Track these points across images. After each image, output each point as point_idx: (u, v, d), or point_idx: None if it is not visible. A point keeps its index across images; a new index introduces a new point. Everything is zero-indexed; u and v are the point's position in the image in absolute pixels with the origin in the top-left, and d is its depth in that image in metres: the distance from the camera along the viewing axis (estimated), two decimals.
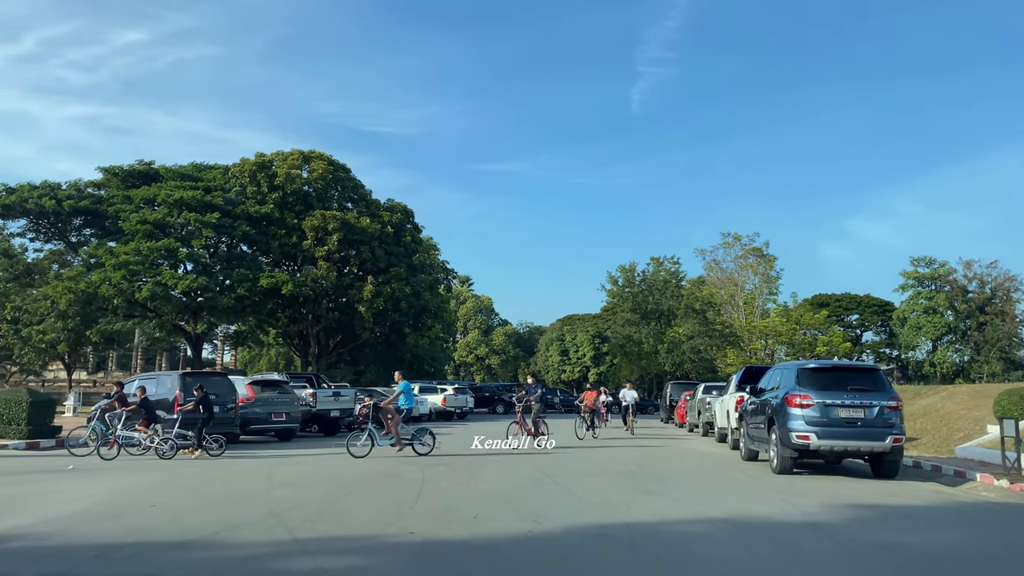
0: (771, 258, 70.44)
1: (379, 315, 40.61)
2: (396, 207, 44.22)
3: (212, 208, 37.82)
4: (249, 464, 14.17)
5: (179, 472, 12.79)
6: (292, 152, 42.51)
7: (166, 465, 14.09)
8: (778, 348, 63.23)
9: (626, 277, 63.75)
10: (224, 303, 36.69)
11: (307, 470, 13.21)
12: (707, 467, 14.62)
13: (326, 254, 39.58)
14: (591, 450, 18.37)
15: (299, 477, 12.00)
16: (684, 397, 32.69)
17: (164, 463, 14.38)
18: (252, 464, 14.17)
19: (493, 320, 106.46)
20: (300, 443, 20.50)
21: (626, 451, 18.19)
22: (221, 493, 10.08)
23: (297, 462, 14.76)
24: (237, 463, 14.32)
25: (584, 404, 23.43)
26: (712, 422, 24.65)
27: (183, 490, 10.41)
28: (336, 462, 14.71)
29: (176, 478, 11.90)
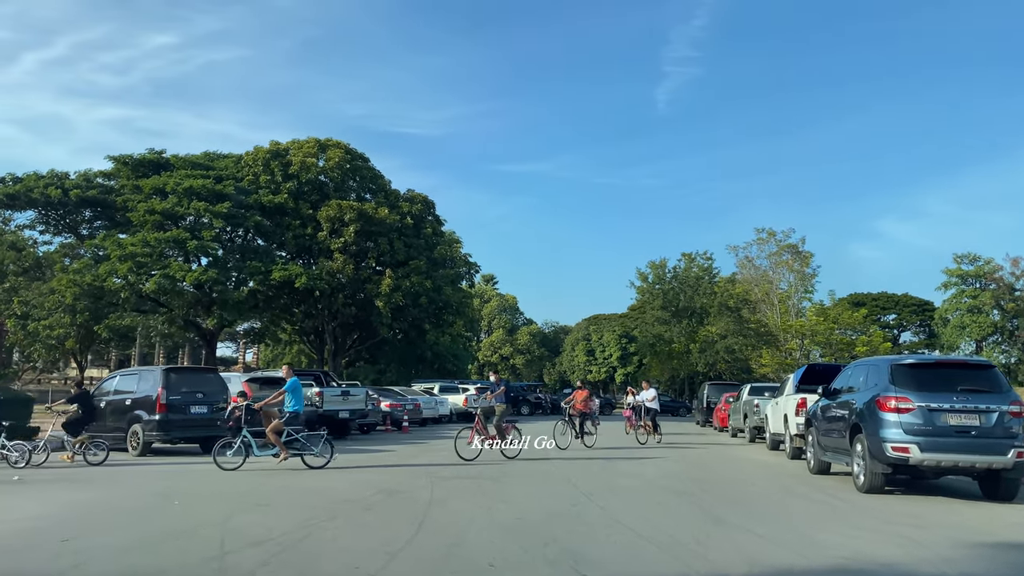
0: (807, 255, 67.52)
1: (398, 311, 38.50)
2: (416, 198, 42.10)
3: (223, 198, 35.94)
4: (227, 477, 12.02)
5: (141, 487, 10.69)
6: (308, 140, 40.56)
7: (133, 477, 12.01)
8: (814, 349, 60.39)
9: (656, 273, 61.13)
10: (235, 297, 34.81)
11: (292, 484, 11.04)
12: (774, 483, 12.20)
13: (342, 246, 37.55)
14: (627, 460, 16.02)
15: (278, 495, 9.82)
16: (725, 399, 30.16)
17: (130, 474, 12.30)
18: (230, 477, 12.02)
19: (518, 319, 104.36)
20: None
21: (670, 461, 15.81)
22: (165, 522, 7.90)
23: (286, 472, 12.59)
24: (213, 475, 12.18)
25: (572, 406, 19.29)
26: (761, 427, 22.19)
27: (122, 516, 8.25)
28: (332, 474, 12.53)
29: (128, 497, 9.79)
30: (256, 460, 13.31)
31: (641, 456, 16.82)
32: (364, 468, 13.36)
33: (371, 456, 16.30)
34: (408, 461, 13.84)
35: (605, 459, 15.78)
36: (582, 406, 19.17)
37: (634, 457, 16.52)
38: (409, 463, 14.44)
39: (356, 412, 21.29)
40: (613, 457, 16.34)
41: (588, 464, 14.60)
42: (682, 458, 16.72)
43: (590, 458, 15.89)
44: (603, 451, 17.79)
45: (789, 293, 67.75)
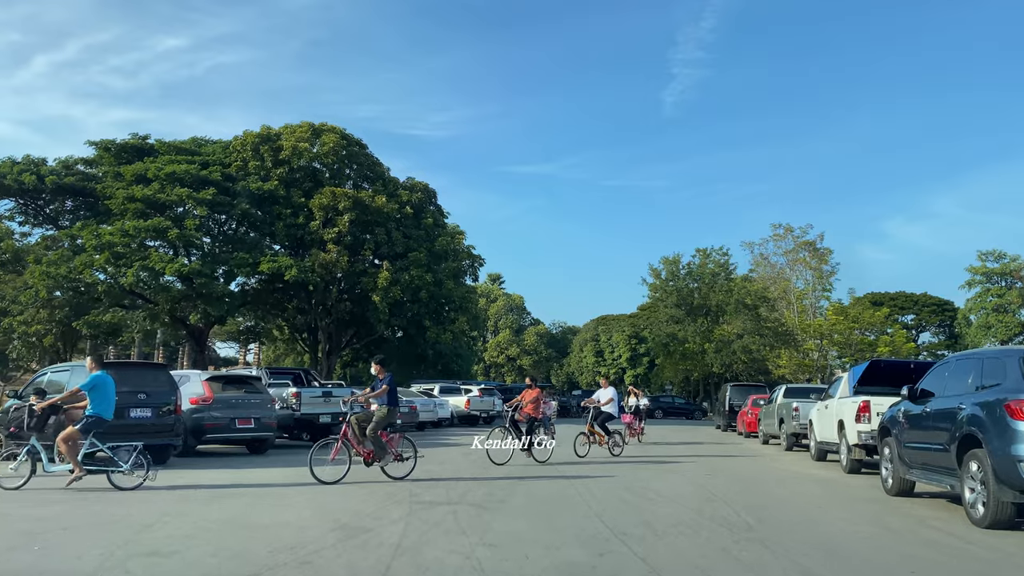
0: (826, 251, 64.80)
1: (396, 306, 35.91)
2: (416, 186, 39.53)
3: (208, 184, 33.49)
4: (152, 500, 9.42)
5: (6, 522, 8.11)
6: (301, 125, 38.04)
7: (15, 503, 9.43)
8: (833, 349, 57.57)
9: (670, 270, 58.33)
10: (219, 290, 32.27)
11: (228, 514, 8.42)
12: (853, 511, 9.52)
13: (336, 236, 34.98)
14: (657, 474, 13.36)
15: (199, 531, 7.21)
16: (751, 402, 27.47)
17: (16, 500, 9.72)
18: (155, 500, 9.41)
19: (525, 319, 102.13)
20: (275, 458, 15.81)
21: (707, 476, 13.14)
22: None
23: (231, 496, 10.00)
24: (130, 500, 9.58)
25: (519, 409, 15.10)
26: (800, 433, 19.52)
27: None
28: (289, 497, 9.94)
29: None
30: (53, 476, 10.50)
31: (668, 467, 14.16)
32: (334, 488, 10.75)
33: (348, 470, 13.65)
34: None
35: (627, 473, 13.14)
36: (531, 409, 14.87)
37: (656, 468, 13.86)
38: (387, 479, 11.82)
39: (337, 415, 18.66)
40: (607, 474, 13.67)
41: (606, 484, 11.93)
42: (718, 472, 14.05)
43: (605, 475, 13.23)
44: (613, 463, 15.12)
45: (806, 291, 65.05)
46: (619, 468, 14.25)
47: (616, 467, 14.47)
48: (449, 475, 12.71)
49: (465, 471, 13.42)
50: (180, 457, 14.85)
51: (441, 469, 13.61)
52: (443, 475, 12.69)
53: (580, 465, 14.67)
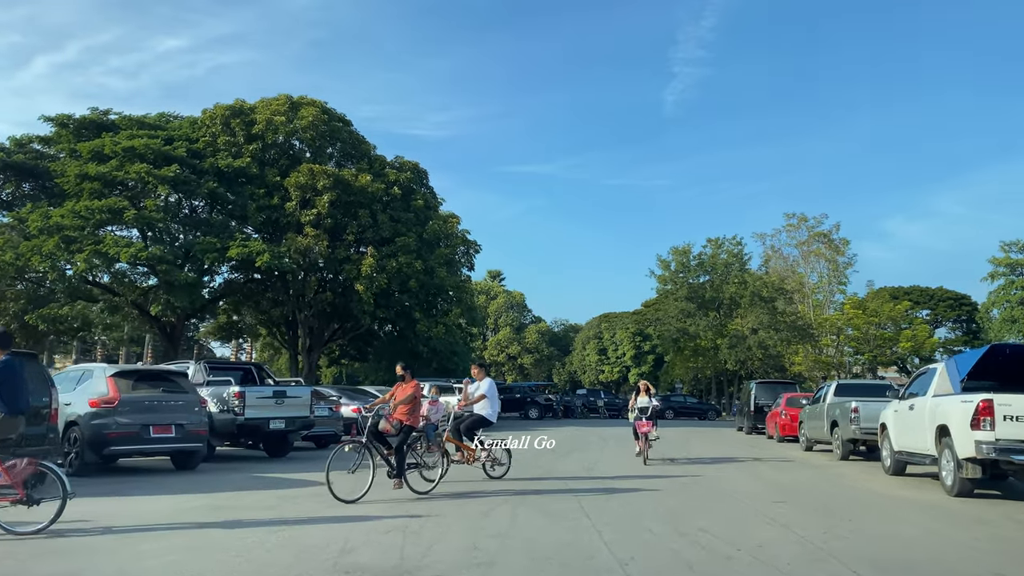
0: (843, 242, 61.24)
1: (382, 296, 32.37)
2: (405, 165, 35.96)
3: (172, 161, 29.96)
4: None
5: None
6: (278, 97, 34.46)
7: None
8: (850, 345, 54.03)
9: (679, 260, 54.69)
10: (181, 278, 28.71)
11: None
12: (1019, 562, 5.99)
13: (315, 219, 31.42)
14: (701, 500, 9.80)
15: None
16: (785, 401, 23.92)
17: None
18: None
19: (526, 317, 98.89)
20: (210, 475, 12.29)
21: (776, 504, 9.59)
22: None
23: (145, 540, 6.46)
24: None
25: (390, 416, 10.04)
26: (859, 439, 16.03)
27: None
28: (191, 542, 6.40)
29: None
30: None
31: (709, 486, 10.62)
32: (254, 525, 7.27)
33: (284, 497, 10.16)
34: (333, 509, 7.82)
35: (646, 502, 9.59)
36: (404, 413, 9.88)
37: (691, 485, 10.33)
38: (329, 513, 8.35)
39: (297, 421, 15.14)
40: (623, 491, 10.13)
41: (641, 532, 8.39)
42: (782, 492, 10.51)
43: (616, 489, 9.71)
44: (619, 480, 11.56)
45: (820, 285, 61.49)
46: (635, 493, 10.68)
47: (621, 490, 10.91)
48: (398, 497, 9.19)
49: (447, 483, 9.88)
50: (77, 477, 11.33)
51: (396, 491, 10.10)
52: (394, 497, 9.17)
53: (532, 492, 11.10)
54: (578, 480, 11.70)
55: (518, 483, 11.24)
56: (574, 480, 11.65)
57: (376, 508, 8.86)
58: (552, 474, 12.67)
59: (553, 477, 12.13)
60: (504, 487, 10.81)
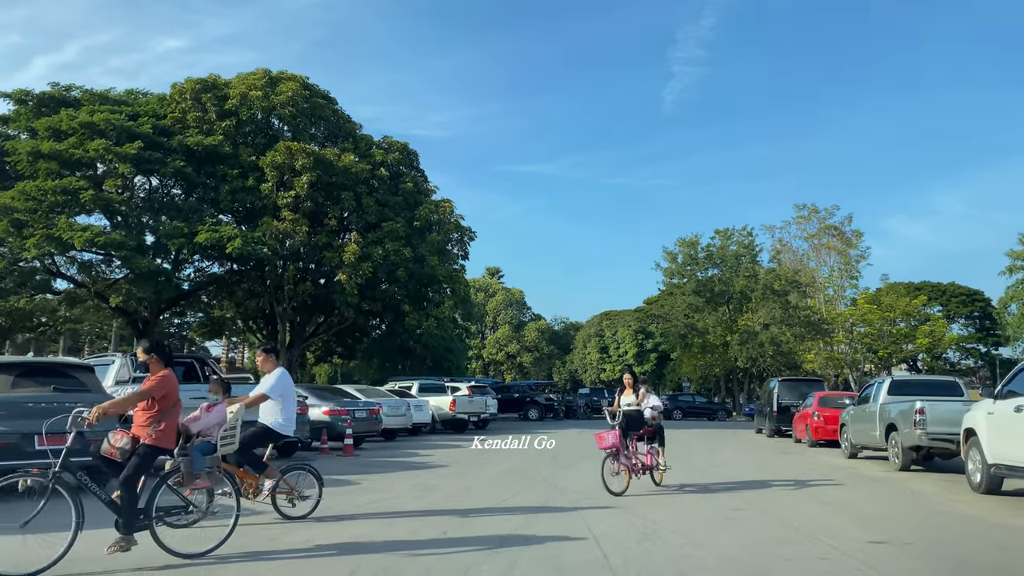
0: (855, 234, 58.59)
1: (368, 287, 29.60)
2: (393, 145, 33.13)
3: (136, 137, 27.18)
4: None
5: None
6: (256, 72, 31.69)
7: None
8: (863, 341, 51.29)
9: (686, 253, 51.89)
10: (143, 265, 25.91)
11: None
12: None
13: (293, 202, 28.62)
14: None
15: None
16: (818, 400, 21.16)
17: None
18: None
19: (525, 315, 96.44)
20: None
21: (870, 546, 6.82)
22: None
23: None
24: None
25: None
26: (922, 446, 13.32)
27: None
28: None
29: None
30: None
31: (767, 527, 7.87)
32: None
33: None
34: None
35: None
36: (144, 425, 6.19)
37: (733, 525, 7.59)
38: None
39: (246, 425, 12.33)
40: None
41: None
42: (866, 524, 7.76)
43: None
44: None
45: (831, 279, 58.83)
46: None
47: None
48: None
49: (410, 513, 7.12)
50: None
51: (346, 527, 7.33)
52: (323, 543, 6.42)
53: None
54: (592, 507, 8.94)
55: (513, 516, 8.49)
56: (587, 508, 8.88)
57: None
58: (557, 495, 9.92)
59: (559, 503, 9.35)
60: (494, 521, 8.07)
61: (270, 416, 7.93)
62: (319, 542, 6.78)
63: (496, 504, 8.96)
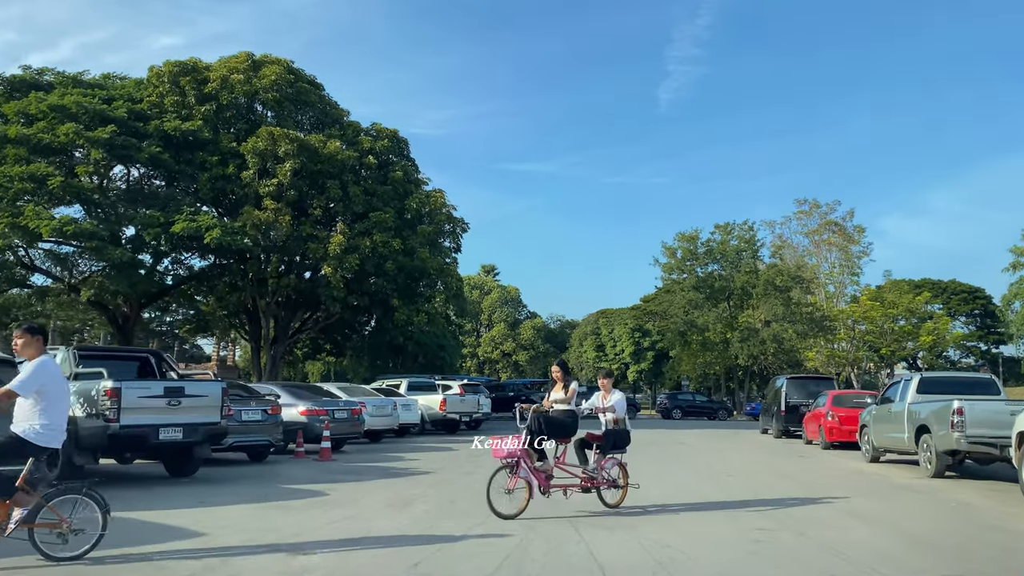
0: (858, 230, 57.34)
1: (355, 280, 28.21)
2: (382, 132, 31.68)
3: (109, 121, 25.74)
4: None
5: None
6: (238, 55, 30.23)
7: None
8: (866, 339, 50.07)
9: (686, 248, 50.47)
10: (115, 256, 24.47)
11: None
12: None
13: (275, 190, 27.21)
14: None
15: None
16: (830, 400, 19.83)
17: None
18: None
19: (521, 313, 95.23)
20: None
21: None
22: None
23: None
24: None
25: None
26: (957, 451, 12.01)
27: None
28: None
29: None
30: None
31: None
32: None
33: None
34: None
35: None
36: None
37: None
38: None
39: (200, 429, 10.93)
40: None
41: None
42: (929, 551, 6.42)
43: None
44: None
45: (832, 275, 57.60)
46: None
47: None
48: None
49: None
50: None
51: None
52: None
53: None
54: (592, 525, 7.56)
55: (501, 540, 7.10)
56: (587, 526, 7.50)
57: None
58: (552, 508, 8.53)
59: (555, 520, 7.97)
60: (478, 547, 6.68)
61: (24, 421, 5.78)
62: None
63: (482, 522, 7.57)
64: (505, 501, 7.79)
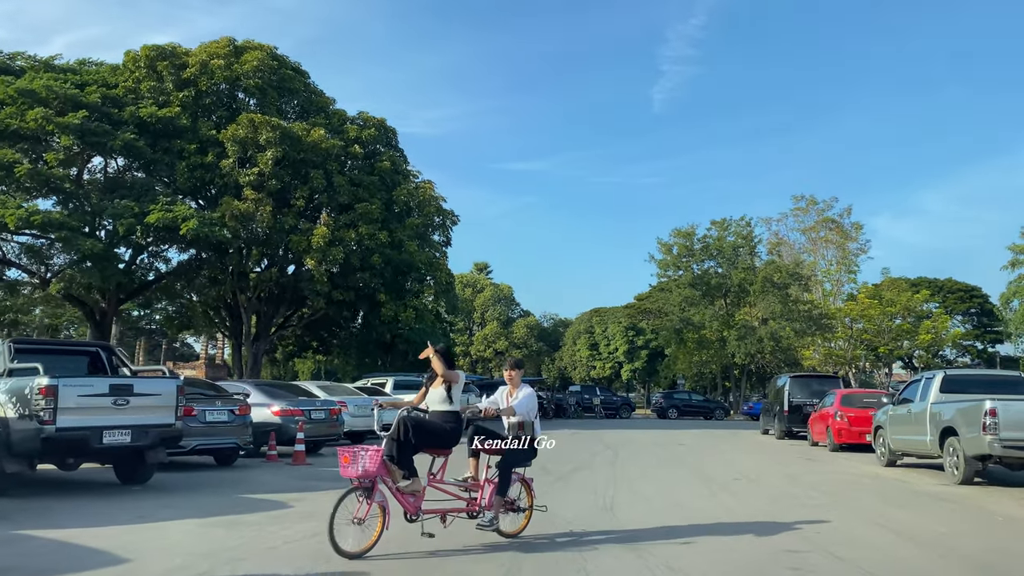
0: (854, 228, 56.47)
1: (341, 274, 27.03)
2: (369, 120, 30.49)
3: (82, 107, 24.51)
4: None
5: None
6: (219, 40, 29.01)
7: None
8: (864, 337, 49.18)
9: (682, 244, 49.39)
10: (86, 247, 23.23)
11: None
12: None
13: (256, 180, 26.01)
14: None
15: None
16: (839, 399, 18.78)
17: None
18: None
19: (514, 311, 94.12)
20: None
21: None
22: None
23: None
24: None
25: None
26: (989, 455, 10.96)
27: None
28: None
29: None
30: None
31: None
32: None
33: None
34: None
35: None
36: None
37: None
38: None
39: (151, 431, 9.76)
40: None
41: None
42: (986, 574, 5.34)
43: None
44: None
45: (829, 273, 56.72)
46: None
47: None
48: None
49: None
50: None
51: None
52: None
53: None
54: (592, 546, 6.44)
55: (482, 563, 5.97)
56: (587, 546, 6.38)
57: None
58: (546, 523, 7.39)
59: (549, 539, 6.83)
60: (461, 560, 5.55)
61: None
62: None
63: (461, 543, 6.44)
64: (352, 534, 5.86)
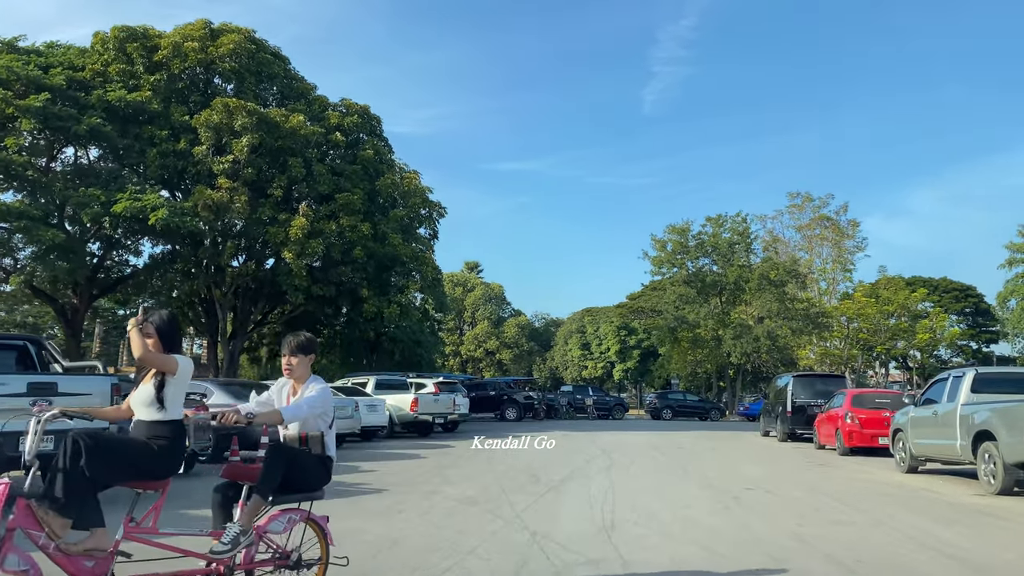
0: (851, 225, 55.59)
1: (321, 268, 25.69)
2: (352, 107, 29.15)
3: (45, 89, 23.10)
4: None
5: None
6: (194, 23, 27.64)
7: None
8: (860, 336, 48.21)
9: (676, 241, 48.23)
10: (48, 238, 21.82)
11: None
12: None
13: (231, 168, 24.64)
14: None
15: None
16: (849, 400, 17.59)
17: None
18: None
19: (505, 311, 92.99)
20: None
21: None
22: None
23: None
24: None
25: None
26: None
27: None
28: None
29: None
30: None
31: None
32: None
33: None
34: None
35: None
36: None
37: None
38: None
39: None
40: None
41: None
42: None
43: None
44: None
45: (824, 271, 55.81)
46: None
47: None
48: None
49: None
50: None
51: None
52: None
53: None
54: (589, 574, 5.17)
55: None
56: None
57: None
58: (535, 550, 6.09)
59: (537, 572, 5.55)
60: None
61: None
62: None
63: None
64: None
